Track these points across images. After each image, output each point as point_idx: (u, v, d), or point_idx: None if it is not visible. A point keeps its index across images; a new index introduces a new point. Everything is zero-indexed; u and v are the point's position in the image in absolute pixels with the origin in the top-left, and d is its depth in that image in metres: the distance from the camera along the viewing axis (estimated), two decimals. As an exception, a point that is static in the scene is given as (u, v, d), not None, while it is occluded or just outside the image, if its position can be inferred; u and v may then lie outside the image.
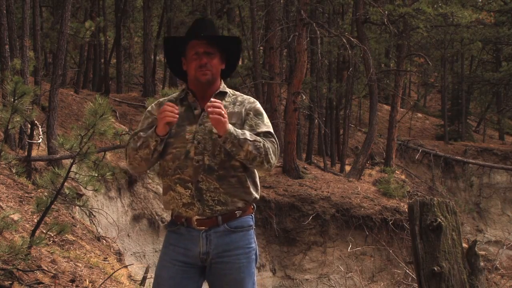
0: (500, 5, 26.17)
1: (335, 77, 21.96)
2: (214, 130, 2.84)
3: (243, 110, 2.99)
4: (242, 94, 3.11)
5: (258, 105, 3.05)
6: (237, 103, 3.02)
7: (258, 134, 2.93)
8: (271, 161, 2.90)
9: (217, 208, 2.91)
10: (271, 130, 2.99)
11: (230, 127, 2.80)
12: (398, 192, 16.11)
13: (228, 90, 3.07)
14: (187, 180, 2.91)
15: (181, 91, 3.09)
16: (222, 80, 3.09)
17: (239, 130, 2.85)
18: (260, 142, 2.86)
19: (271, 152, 2.90)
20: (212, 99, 2.81)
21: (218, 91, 3.03)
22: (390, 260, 14.40)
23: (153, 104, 3.13)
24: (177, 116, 2.84)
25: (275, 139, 2.97)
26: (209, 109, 2.76)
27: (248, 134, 2.86)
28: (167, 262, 2.98)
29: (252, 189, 2.99)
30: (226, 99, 3.02)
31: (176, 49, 3.07)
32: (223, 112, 2.76)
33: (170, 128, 2.89)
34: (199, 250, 2.93)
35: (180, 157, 2.91)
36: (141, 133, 2.96)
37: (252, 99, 3.07)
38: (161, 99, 3.15)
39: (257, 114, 3.00)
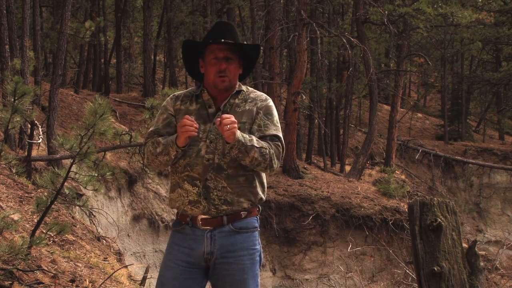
0: (500, 5, 26.16)
1: (335, 77, 21.96)
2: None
3: (255, 108, 2.98)
4: (255, 91, 3.08)
5: (270, 103, 3.02)
6: (249, 100, 3.01)
7: (264, 136, 2.92)
8: (274, 166, 2.91)
9: (222, 207, 2.91)
10: (279, 132, 2.98)
11: (238, 134, 2.79)
12: (398, 192, 16.12)
13: (243, 87, 3.05)
14: (195, 177, 2.91)
15: (197, 87, 3.06)
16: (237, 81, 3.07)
17: (247, 136, 2.84)
18: (266, 148, 2.86)
19: (275, 157, 2.90)
20: (223, 116, 2.77)
21: (235, 91, 3.01)
22: (390, 260, 14.40)
23: (168, 98, 3.11)
24: (197, 130, 2.81)
25: (281, 142, 2.95)
26: (220, 121, 2.75)
27: (255, 140, 2.85)
28: (171, 262, 2.98)
29: (259, 189, 2.99)
30: (239, 97, 3.01)
31: (194, 51, 3.05)
32: (235, 124, 2.75)
33: (190, 140, 2.87)
34: (203, 250, 2.93)
35: (191, 154, 2.92)
36: (160, 138, 2.95)
37: (264, 97, 3.04)
38: (176, 93, 3.12)
39: (267, 113, 2.98)
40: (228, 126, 2.73)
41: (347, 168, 19.10)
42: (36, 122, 8.63)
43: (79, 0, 20.12)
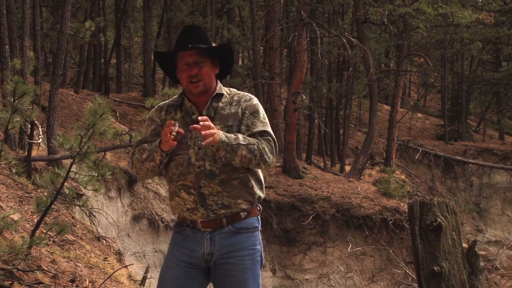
0: (500, 5, 26.16)
1: (335, 77, 21.95)
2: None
3: (240, 110, 2.96)
4: (239, 92, 3.07)
5: (254, 101, 3.00)
6: (234, 103, 2.99)
7: (253, 134, 2.90)
8: (268, 160, 2.88)
9: (221, 211, 2.91)
10: (268, 128, 2.95)
11: (221, 135, 2.78)
12: (398, 192, 16.11)
13: (224, 90, 3.03)
14: (189, 186, 2.91)
15: (178, 96, 3.06)
16: (218, 81, 3.05)
17: (231, 135, 2.82)
18: (254, 144, 2.83)
19: (267, 151, 2.87)
20: (199, 118, 2.77)
21: (215, 93, 3.00)
22: (390, 260, 14.40)
23: (153, 110, 3.12)
24: (175, 135, 2.79)
25: (271, 137, 2.93)
26: (196, 126, 2.74)
27: (241, 138, 2.83)
28: (171, 263, 2.99)
29: (256, 189, 2.98)
30: (222, 100, 2.99)
31: (169, 61, 3.05)
32: (211, 128, 2.74)
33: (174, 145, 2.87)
34: (203, 251, 2.93)
35: (183, 163, 2.92)
36: (146, 144, 2.95)
37: (248, 96, 3.02)
38: (161, 104, 3.13)
39: (253, 112, 2.96)
40: (207, 131, 2.72)
41: (347, 168, 19.09)
42: (36, 122, 8.63)
43: (79, 0, 20.11)
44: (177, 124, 2.80)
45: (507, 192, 22.31)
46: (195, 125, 2.75)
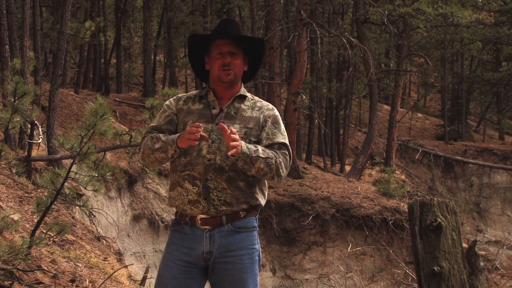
0: (500, 5, 26.17)
1: (335, 77, 21.96)
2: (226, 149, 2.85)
3: (261, 116, 3.01)
4: (261, 100, 3.13)
5: (276, 112, 3.07)
6: (256, 108, 3.04)
7: (273, 144, 2.95)
8: (282, 174, 2.93)
9: (222, 208, 2.92)
10: (286, 141, 3.01)
11: (243, 146, 2.81)
12: (398, 192, 16.11)
13: (247, 94, 3.09)
14: (196, 177, 2.92)
15: (202, 89, 3.10)
16: (242, 84, 3.10)
17: (252, 147, 2.86)
18: (272, 158, 2.88)
19: (283, 166, 2.93)
20: (221, 125, 2.77)
21: (238, 94, 3.04)
22: (390, 260, 14.40)
23: (170, 99, 3.14)
24: (198, 139, 2.81)
25: (288, 150, 2.99)
26: (223, 126, 2.76)
27: (260, 151, 2.87)
28: (170, 262, 2.98)
29: (259, 195, 3.01)
30: (245, 103, 3.04)
31: (200, 48, 3.08)
32: (237, 138, 2.77)
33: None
34: (202, 250, 2.93)
35: (192, 153, 2.93)
36: (162, 135, 2.96)
37: (271, 106, 3.09)
38: (180, 95, 3.16)
39: (275, 122, 3.02)
40: (234, 142, 2.74)
41: (347, 168, 19.09)
42: (36, 122, 8.63)
43: (79, 0, 20.12)
44: (202, 127, 2.82)
45: (507, 192, 22.31)
46: (222, 125, 2.76)
